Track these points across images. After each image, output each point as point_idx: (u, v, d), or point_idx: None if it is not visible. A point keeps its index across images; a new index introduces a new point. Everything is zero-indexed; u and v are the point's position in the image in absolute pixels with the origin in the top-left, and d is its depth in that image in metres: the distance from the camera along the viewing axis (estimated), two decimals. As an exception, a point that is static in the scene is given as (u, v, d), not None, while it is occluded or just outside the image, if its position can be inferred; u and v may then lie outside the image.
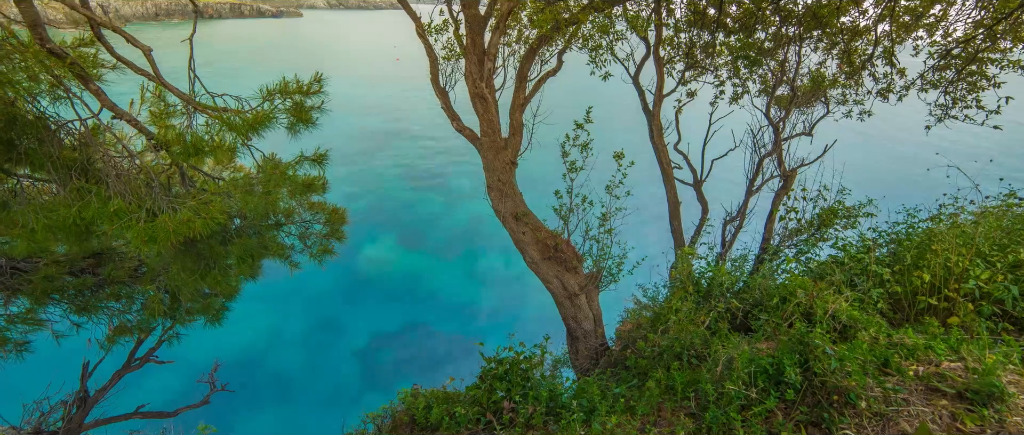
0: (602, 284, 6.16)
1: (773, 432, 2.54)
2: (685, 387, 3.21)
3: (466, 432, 3.98)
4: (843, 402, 2.46)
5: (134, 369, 5.94)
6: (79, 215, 3.24)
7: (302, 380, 15.77)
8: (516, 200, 6.16)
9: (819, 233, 6.58)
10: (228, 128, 3.52)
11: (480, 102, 6.41)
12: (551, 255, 5.72)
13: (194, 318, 5.55)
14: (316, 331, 17.66)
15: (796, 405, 2.67)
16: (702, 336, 4.36)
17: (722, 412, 2.76)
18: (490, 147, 6.49)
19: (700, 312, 4.77)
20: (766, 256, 6.82)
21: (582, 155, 5.77)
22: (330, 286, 19.45)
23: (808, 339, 3.04)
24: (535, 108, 6.93)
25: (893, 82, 9.45)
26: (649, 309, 5.42)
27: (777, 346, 3.54)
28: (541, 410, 3.73)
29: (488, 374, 4.48)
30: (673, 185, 8.37)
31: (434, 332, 17.77)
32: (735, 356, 3.22)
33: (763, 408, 2.72)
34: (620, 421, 3.06)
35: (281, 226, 5.27)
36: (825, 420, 2.44)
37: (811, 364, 2.93)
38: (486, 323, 17.71)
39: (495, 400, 4.19)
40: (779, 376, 2.96)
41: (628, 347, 5.22)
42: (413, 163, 30.64)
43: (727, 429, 2.69)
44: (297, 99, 4.09)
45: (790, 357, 2.94)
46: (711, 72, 10.29)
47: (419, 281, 20.29)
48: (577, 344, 6.21)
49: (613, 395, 3.64)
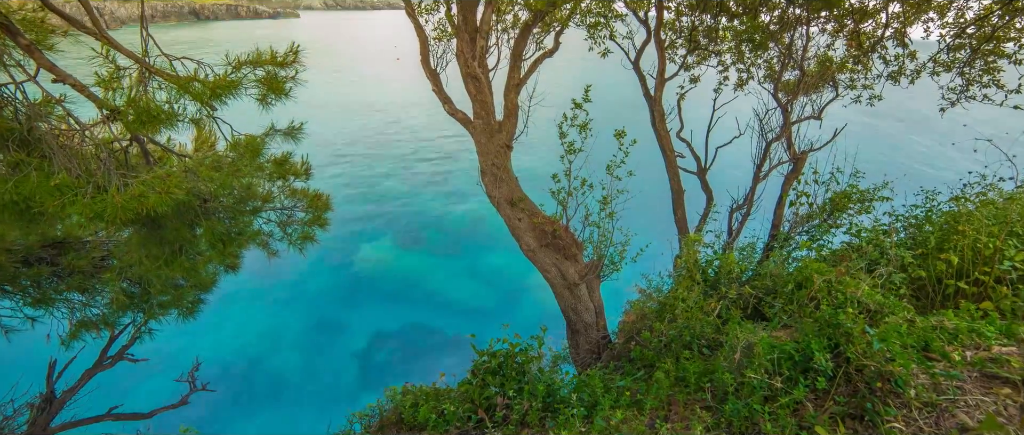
0: (603, 273, 5.80)
1: (805, 426, 2.18)
2: (699, 377, 2.85)
3: (455, 431, 3.62)
4: (887, 391, 2.09)
5: (105, 368, 5.58)
6: (16, 191, 2.88)
7: (300, 382, 15.42)
8: (511, 185, 5.80)
9: (832, 218, 6.22)
10: (188, 95, 3.17)
11: (473, 82, 6.06)
12: (549, 242, 5.36)
13: (166, 312, 5.19)
14: (314, 332, 17.32)
15: (829, 395, 2.31)
16: (713, 325, 4.01)
17: (743, 404, 2.40)
18: (483, 130, 6.14)
19: (709, 301, 4.42)
20: (776, 244, 6.46)
21: (581, 136, 5.41)
22: (328, 286, 19.13)
23: (839, 321, 2.68)
24: (530, 90, 6.58)
25: (904, 65, 9.11)
26: (654, 299, 5.06)
27: (796, 333, 3.18)
28: (537, 406, 3.37)
29: (480, 368, 4.13)
30: (676, 172, 8.01)
31: (434, 331, 17.42)
32: (755, 342, 2.86)
33: (790, 399, 2.36)
34: (626, 416, 2.71)
35: (259, 212, 4.91)
36: (868, 411, 2.08)
37: (842, 349, 2.57)
38: (487, 322, 17.35)
39: (487, 396, 3.83)
40: (806, 363, 2.61)
41: (632, 339, 4.86)
42: (411, 163, 30.33)
43: (750, 423, 2.33)
44: (269, 70, 3.74)
45: (818, 341, 2.58)
46: (715, 57, 9.94)
47: (418, 281, 19.95)
48: (577, 338, 5.85)
49: (617, 388, 3.28)
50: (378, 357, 16.53)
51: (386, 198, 26.13)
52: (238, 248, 4.39)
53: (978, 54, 7.46)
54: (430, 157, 31.20)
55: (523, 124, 6.43)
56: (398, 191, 26.77)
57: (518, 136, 6.34)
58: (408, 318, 18.06)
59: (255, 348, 16.31)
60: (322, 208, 5.55)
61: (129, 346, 5.60)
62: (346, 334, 17.35)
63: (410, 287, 19.73)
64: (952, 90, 8.97)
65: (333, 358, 16.41)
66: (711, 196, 8.40)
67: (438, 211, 24.93)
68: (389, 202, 25.69)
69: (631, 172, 5.36)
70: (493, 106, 6.22)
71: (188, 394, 6.11)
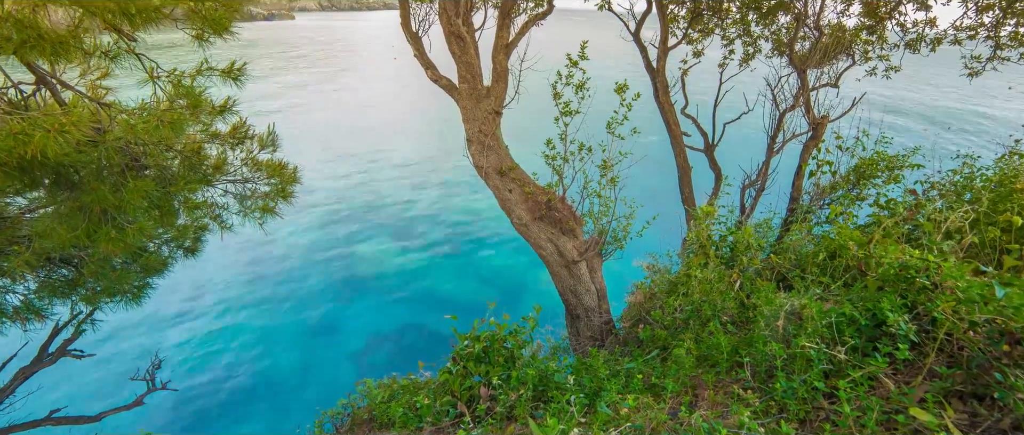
0: (605, 251, 5.17)
1: (896, 409, 1.55)
2: (731, 354, 2.22)
3: (429, 428, 2.99)
4: (1019, 357, 1.46)
5: (46, 366, 4.94)
6: None
7: (297, 384, 14.81)
8: (501, 154, 5.18)
9: (858, 188, 5.60)
10: (85, 10, 2.55)
11: (457, 42, 5.45)
12: (543, 214, 4.74)
13: (109, 300, 4.55)
14: (309, 332, 16.70)
15: (922, 368, 1.68)
16: (737, 299, 3.38)
17: (800, 381, 1.77)
18: (470, 95, 5.52)
19: (730, 272, 3.79)
20: (794, 218, 5.84)
21: (577, 96, 4.79)
22: (327, 286, 18.55)
23: (912, 274, 2.06)
24: (521, 54, 5.96)
25: (923, 32, 8.52)
26: (664, 275, 4.43)
27: (839, 304, 2.56)
28: (527, 396, 2.74)
29: (462, 355, 3.50)
30: (682, 147, 7.38)
31: (433, 332, 16.79)
32: (801, 306, 2.23)
33: (863, 374, 1.74)
34: (638, 404, 2.08)
35: (210, 180, 4.28)
36: (995, 385, 1.44)
37: (923, 310, 1.95)
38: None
39: (468, 386, 3.20)
40: (875, 329, 1.98)
41: (640, 322, 4.24)
42: (409, 161, 29.74)
43: (809, 405, 1.70)
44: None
45: (891, 298, 1.95)
46: (719, 30, 9.35)
47: (416, 280, 19.36)
48: (578, 324, 5.22)
49: (625, 371, 2.65)
50: (375, 358, 15.91)
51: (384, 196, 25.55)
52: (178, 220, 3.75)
53: (1010, 12, 6.85)
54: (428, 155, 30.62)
55: (514, 90, 5.81)
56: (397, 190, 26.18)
57: (508, 103, 5.72)
58: (406, 318, 17.47)
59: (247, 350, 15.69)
60: (288, 180, 4.93)
61: (72, 340, 4.97)
62: (342, 334, 16.75)
63: (408, 286, 19.14)
64: (975, 58, 8.39)
65: (328, 359, 15.80)
66: (720, 173, 7.78)
67: (438, 210, 24.35)
68: (387, 200, 25.12)
69: (635, 130, 4.74)
70: (480, 69, 5.60)
71: (144, 394, 5.47)
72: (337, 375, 15.00)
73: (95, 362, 12.23)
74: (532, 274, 18.36)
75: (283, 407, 14.19)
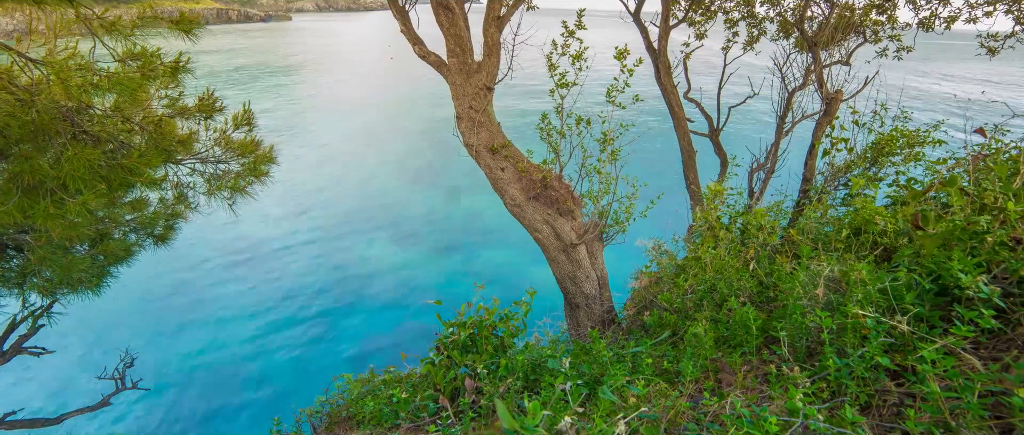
0: (607, 234, 4.80)
1: (989, 391, 1.17)
2: (761, 330, 1.84)
3: (407, 425, 2.61)
4: None
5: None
6: None
7: (295, 386, 14.46)
8: (492, 131, 4.81)
9: (876, 166, 5.23)
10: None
11: (445, 13, 5.08)
12: (538, 193, 4.37)
13: (68, 291, 4.17)
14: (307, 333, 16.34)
15: (1014, 342, 1.30)
16: (755, 277, 3.01)
17: (857, 356, 1.39)
18: (459, 70, 5.15)
19: (746, 249, 3.42)
20: (808, 200, 5.46)
21: (574, 67, 4.42)
22: (325, 286, 18.20)
23: (978, 229, 1.68)
24: (514, 28, 5.59)
25: (936, 9, 8.17)
26: (672, 258, 4.06)
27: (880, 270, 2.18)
28: (517, 386, 2.36)
29: (446, 343, 3.12)
30: (686, 130, 7.01)
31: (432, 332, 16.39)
32: (842, 273, 1.86)
33: (937, 348, 1.36)
34: (648, 392, 1.70)
35: (172, 156, 3.91)
36: None
37: (1003, 271, 1.57)
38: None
39: (452, 377, 2.82)
40: (942, 297, 1.60)
41: (647, 308, 3.86)
42: (405, 160, 29.40)
43: (869, 386, 1.32)
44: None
45: (963, 258, 1.57)
46: (722, 13, 8.99)
47: (415, 279, 19.01)
48: (577, 313, 4.84)
49: (632, 356, 2.27)
50: (373, 359, 15.53)
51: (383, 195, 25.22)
52: (130, 193, 3.37)
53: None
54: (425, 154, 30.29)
55: (506, 66, 5.44)
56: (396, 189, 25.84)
57: (501, 79, 5.35)
58: (405, 318, 17.12)
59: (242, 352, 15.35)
60: (261, 159, 4.55)
61: (28, 336, 4.58)
62: (340, 334, 16.40)
63: (405, 285, 18.79)
64: (992, 36, 8.04)
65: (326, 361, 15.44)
66: (725, 159, 7.40)
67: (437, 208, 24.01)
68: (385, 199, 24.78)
69: (637, 97, 4.36)
70: (470, 43, 5.23)
71: (111, 394, 5.09)
72: (337, 374, 14.59)
73: (95, 362, 11.86)
74: (532, 273, 18.01)
75: (277, 409, 13.78)
